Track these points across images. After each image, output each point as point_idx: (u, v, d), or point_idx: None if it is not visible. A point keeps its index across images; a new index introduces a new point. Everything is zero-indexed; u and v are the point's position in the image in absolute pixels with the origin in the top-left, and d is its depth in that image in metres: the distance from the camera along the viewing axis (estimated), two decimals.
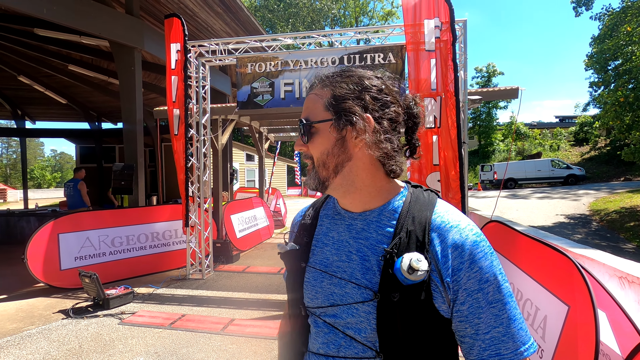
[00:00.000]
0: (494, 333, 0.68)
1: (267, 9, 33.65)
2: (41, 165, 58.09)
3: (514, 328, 0.68)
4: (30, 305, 4.43)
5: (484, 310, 0.69)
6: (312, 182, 0.79)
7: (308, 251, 0.84)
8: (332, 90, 0.76)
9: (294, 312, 0.87)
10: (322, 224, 0.86)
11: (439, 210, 0.75)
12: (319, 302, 0.80)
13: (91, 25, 5.58)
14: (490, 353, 0.68)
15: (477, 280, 0.69)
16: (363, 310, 0.72)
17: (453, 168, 4.08)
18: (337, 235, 0.81)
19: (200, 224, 5.77)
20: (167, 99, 5.49)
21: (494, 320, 0.68)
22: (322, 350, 0.79)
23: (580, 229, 9.65)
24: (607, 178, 22.79)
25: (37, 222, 8.20)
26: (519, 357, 0.67)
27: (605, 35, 10.69)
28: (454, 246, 0.70)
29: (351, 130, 0.74)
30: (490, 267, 0.70)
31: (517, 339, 0.68)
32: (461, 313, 0.70)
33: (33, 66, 9.67)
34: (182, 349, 3.29)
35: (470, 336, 0.70)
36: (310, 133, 0.77)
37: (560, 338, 2.03)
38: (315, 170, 0.78)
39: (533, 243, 2.68)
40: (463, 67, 4.56)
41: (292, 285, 0.86)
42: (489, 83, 32.39)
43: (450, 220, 0.73)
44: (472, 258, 0.69)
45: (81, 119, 13.75)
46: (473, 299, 0.69)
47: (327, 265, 0.79)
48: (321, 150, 0.76)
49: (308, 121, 0.77)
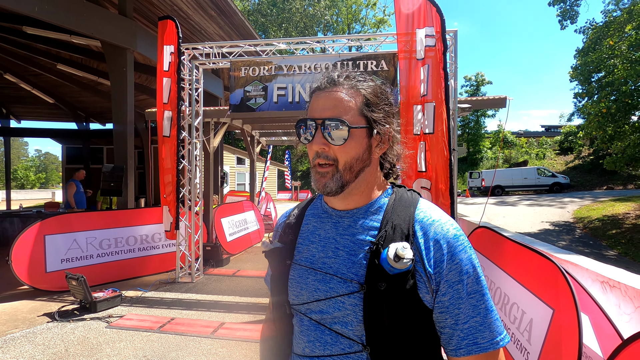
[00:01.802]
0: (472, 323, 0.71)
1: (260, 13, 33.76)
2: (25, 165, 56.67)
3: (491, 318, 0.72)
4: (13, 309, 4.32)
5: (463, 301, 0.72)
6: (335, 185, 0.77)
7: (293, 249, 0.85)
8: (364, 95, 0.78)
9: (278, 313, 0.86)
10: (308, 223, 0.88)
11: (421, 207, 0.79)
12: (304, 298, 0.80)
13: (84, 25, 5.53)
14: (468, 342, 0.71)
15: (457, 272, 0.72)
16: (349, 303, 0.74)
17: (443, 175, 4.16)
18: (324, 233, 0.83)
19: (191, 226, 5.73)
20: (157, 100, 5.44)
21: (472, 310, 0.71)
22: (307, 349, 0.79)
23: (564, 236, 9.89)
24: (591, 186, 23.41)
25: (21, 223, 8.00)
26: (495, 346, 0.70)
27: (589, 48, 11.05)
28: (436, 239, 0.74)
29: (378, 139, 0.80)
30: (469, 260, 0.74)
31: (493, 329, 0.71)
32: (442, 304, 0.72)
33: (20, 64, 9.49)
34: (172, 352, 3.26)
35: (450, 326, 0.72)
36: (344, 135, 0.75)
37: (545, 340, 2.09)
38: (340, 174, 0.77)
39: (520, 248, 2.75)
40: (453, 76, 4.67)
41: (277, 284, 0.85)
42: (478, 92, 33.02)
43: (432, 216, 0.77)
44: (452, 251, 0.73)
45: (69, 119, 13.51)
46: (454, 290, 0.72)
47: (312, 262, 0.81)
48: (352, 155, 0.77)
49: (346, 123, 0.75)
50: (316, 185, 0.80)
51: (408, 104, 4.30)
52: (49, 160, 65.59)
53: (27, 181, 51.38)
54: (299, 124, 0.80)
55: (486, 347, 0.70)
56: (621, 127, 9.70)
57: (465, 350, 0.71)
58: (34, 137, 16.58)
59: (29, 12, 4.83)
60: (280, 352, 0.87)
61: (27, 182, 51.05)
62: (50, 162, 64.80)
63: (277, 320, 0.88)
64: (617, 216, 10.98)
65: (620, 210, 11.65)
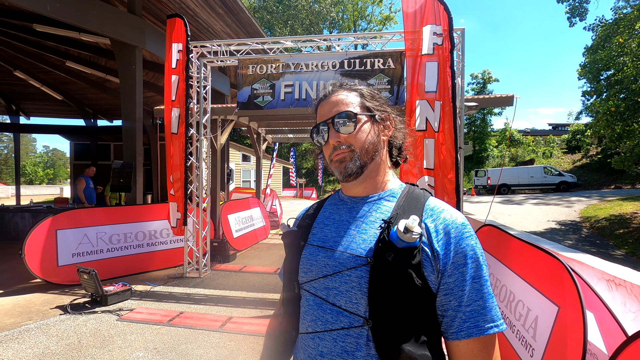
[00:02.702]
0: (474, 306, 0.75)
1: (265, 10, 33.74)
2: (33, 161, 57.37)
3: (491, 304, 0.76)
4: (27, 301, 4.43)
5: (467, 284, 0.76)
6: (354, 166, 0.86)
7: (308, 232, 0.92)
8: (359, 92, 0.92)
9: (288, 294, 0.91)
10: (325, 211, 0.96)
11: (431, 200, 0.86)
12: (312, 274, 0.85)
13: (94, 23, 5.61)
14: (470, 325, 0.74)
15: (463, 255, 0.77)
16: (355, 276, 0.78)
17: (449, 172, 4.18)
18: (338, 217, 0.90)
19: (199, 223, 5.81)
20: (165, 97, 5.50)
21: (475, 294, 0.75)
22: (310, 328, 0.83)
23: (571, 235, 9.83)
24: (598, 185, 23.18)
25: (31, 218, 8.15)
26: (493, 329, 0.74)
27: (598, 46, 10.92)
28: (445, 224, 0.80)
29: (382, 126, 0.92)
30: (474, 246, 0.79)
31: (493, 314, 0.75)
32: (447, 285, 0.76)
33: (30, 62, 9.63)
34: (181, 345, 3.33)
35: (453, 308, 0.76)
36: (354, 123, 0.86)
37: (550, 337, 2.12)
38: (358, 155, 0.86)
39: (525, 246, 2.77)
40: (460, 74, 4.67)
41: (290, 264, 0.91)
42: (484, 89, 32.77)
43: (442, 206, 0.85)
44: (460, 236, 0.78)
45: (77, 115, 13.67)
46: (459, 272, 0.76)
47: (324, 241, 0.87)
48: (365, 139, 0.87)
49: (352, 111, 0.87)
50: (338, 171, 0.88)
51: (415, 101, 4.31)
52: (56, 157, 66.31)
53: (36, 177, 52.06)
54: (312, 131, 0.92)
55: (486, 330, 0.74)
56: (630, 126, 9.60)
57: (466, 333, 0.74)
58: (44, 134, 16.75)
59: (41, 11, 4.91)
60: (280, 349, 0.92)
61: (35, 178, 51.72)
62: (57, 158, 65.52)
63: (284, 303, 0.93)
64: (625, 216, 10.88)
65: (628, 209, 11.54)
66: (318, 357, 0.80)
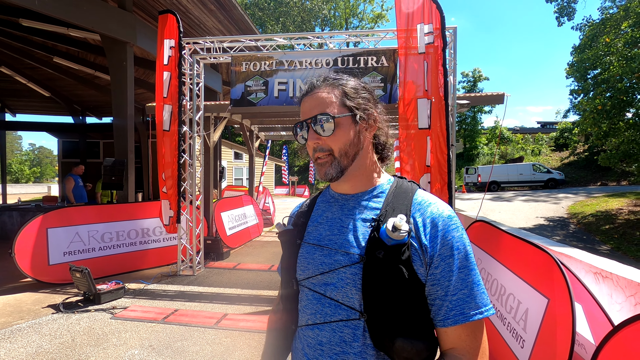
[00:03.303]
0: (460, 295, 0.78)
1: (257, 7, 33.50)
2: (19, 159, 56.15)
3: (477, 291, 0.79)
4: (17, 300, 4.37)
5: (454, 274, 0.78)
6: (334, 171, 0.86)
7: (303, 231, 0.94)
8: (344, 89, 0.88)
9: (286, 290, 0.94)
10: (318, 208, 0.97)
11: (419, 194, 0.88)
12: (309, 272, 0.88)
13: (83, 18, 5.52)
14: (456, 312, 0.77)
15: (449, 247, 0.80)
16: (350, 272, 0.81)
17: (441, 170, 4.23)
18: (331, 215, 0.92)
19: (192, 220, 5.78)
20: (156, 94, 5.42)
21: (461, 283, 0.78)
22: (310, 320, 0.86)
23: (559, 231, 10.05)
24: (585, 182, 23.66)
25: (19, 217, 8.01)
26: (479, 316, 0.78)
27: (586, 45, 11.12)
28: (432, 218, 0.82)
29: (365, 123, 0.89)
30: (461, 238, 0.81)
31: (479, 301, 0.78)
32: (434, 276, 0.79)
33: (16, 57, 9.41)
34: (177, 342, 3.33)
35: (440, 298, 0.79)
36: (332, 126, 0.85)
37: (540, 329, 2.18)
38: (337, 161, 0.86)
39: (516, 241, 2.84)
40: (452, 73, 4.73)
41: (287, 262, 0.94)
42: (475, 88, 33.10)
43: (428, 199, 0.86)
44: (446, 228, 0.81)
45: (65, 112, 13.42)
46: (445, 264, 0.79)
47: (320, 240, 0.89)
48: (344, 142, 0.86)
49: (330, 115, 0.85)
50: (319, 174, 0.89)
51: (408, 99, 4.36)
52: (43, 154, 65.01)
53: (22, 175, 50.97)
54: (295, 128, 0.91)
55: (471, 317, 0.77)
56: (616, 124, 9.82)
57: (452, 320, 0.77)
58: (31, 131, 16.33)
59: (29, 5, 4.82)
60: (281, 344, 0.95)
61: (21, 176, 50.64)
62: (44, 156, 64.25)
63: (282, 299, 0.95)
64: (611, 212, 11.16)
65: (614, 206, 11.83)
66: (317, 347, 0.83)
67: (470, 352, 0.78)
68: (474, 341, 0.78)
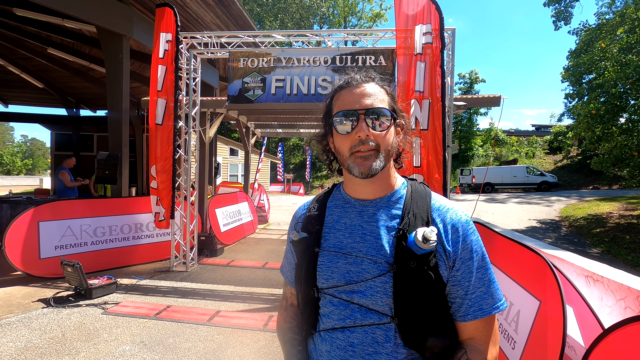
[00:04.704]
0: (478, 292, 0.85)
1: (255, 3, 33.30)
2: (11, 150, 55.39)
3: (493, 288, 0.87)
4: (7, 294, 4.32)
5: (473, 275, 0.86)
6: (378, 167, 0.86)
7: (320, 238, 0.92)
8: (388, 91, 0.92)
9: (304, 298, 0.92)
10: (331, 214, 0.95)
11: (435, 198, 0.93)
12: (334, 281, 0.87)
13: (80, 9, 5.44)
14: (475, 309, 0.85)
15: (469, 251, 0.86)
16: (380, 281, 0.83)
17: (437, 171, 4.25)
18: (349, 221, 0.91)
19: (186, 216, 5.75)
20: (150, 88, 5.33)
21: (479, 282, 0.86)
22: (337, 325, 0.86)
23: (550, 234, 10.15)
24: (578, 186, 23.94)
25: (10, 209, 7.87)
26: (495, 310, 0.85)
27: (581, 50, 11.22)
28: (452, 224, 0.88)
29: (398, 130, 0.94)
30: (477, 240, 0.89)
31: (494, 297, 0.86)
32: (455, 278, 0.85)
33: (9, 47, 9.25)
34: (169, 338, 3.31)
35: (460, 297, 0.85)
36: (388, 122, 0.88)
37: (531, 330, 2.20)
38: (383, 157, 0.86)
39: (510, 243, 2.86)
40: (450, 74, 4.75)
41: (306, 270, 0.91)
42: (471, 89, 33.25)
43: (446, 205, 0.91)
44: (465, 233, 0.87)
45: (58, 104, 13.24)
46: (466, 266, 0.86)
47: (341, 247, 0.88)
48: (390, 142, 0.89)
49: (389, 112, 0.88)
50: (360, 169, 0.85)
51: (405, 99, 4.36)
52: (35, 147, 64.22)
53: (14, 167, 50.28)
54: (331, 117, 0.90)
55: (489, 311, 0.85)
56: (609, 129, 9.92)
57: (472, 316, 0.85)
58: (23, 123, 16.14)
59: None
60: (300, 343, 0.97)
61: (13, 169, 49.96)
62: (36, 148, 63.46)
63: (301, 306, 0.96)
64: (602, 215, 11.29)
65: (605, 209, 11.98)
66: (348, 348, 0.85)
67: (486, 341, 0.86)
68: (489, 331, 0.86)
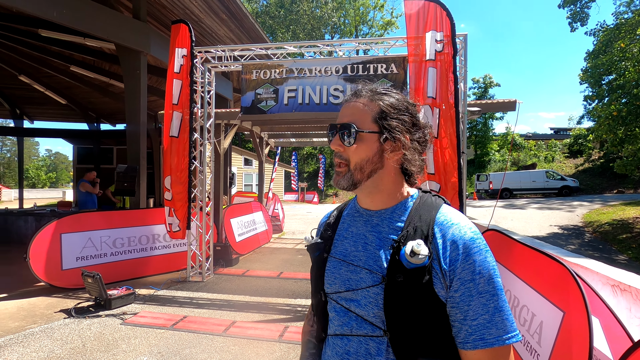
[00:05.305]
0: (481, 320, 0.76)
1: (268, 15, 33.97)
2: (36, 165, 57.59)
3: (499, 318, 0.76)
4: (31, 305, 4.45)
5: (473, 299, 0.76)
6: (345, 183, 0.87)
7: (330, 244, 0.95)
8: (381, 106, 0.87)
9: (315, 300, 0.98)
10: (344, 222, 0.98)
11: (443, 211, 0.86)
12: (336, 287, 0.90)
13: (99, 28, 5.67)
14: (476, 337, 0.76)
15: (470, 272, 0.77)
16: (373, 292, 0.82)
17: (452, 177, 4.19)
18: (356, 230, 0.92)
19: (202, 226, 5.82)
20: (165, 101, 5.46)
21: (482, 308, 0.76)
22: (338, 331, 0.89)
23: (573, 240, 9.80)
24: (601, 190, 23.12)
25: (35, 221, 8.17)
26: (499, 342, 0.75)
27: (600, 51, 10.95)
28: (453, 240, 0.80)
29: (391, 145, 0.87)
30: (484, 261, 0.78)
31: (500, 327, 0.75)
32: (453, 299, 0.78)
33: (34, 66, 9.71)
34: (185, 349, 3.33)
35: (459, 321, 0.78)
36: (356, 139, 0.85)
37: (555, 343, 2.11)
38: (351, 173, 0.87)
39: (530, 251, 2.77)
40: (463, 80, 4.70)
41: (315, 274, 0.96)
42: (486, 94, 32.79)
43: (451, 219, 0.84)
44: (467, 252, 0.78)
45: (80, 119, 13.75)
46: (465, 288, 0.77)
47: (345, 255, 0.90)
48: (362, 157, 0.86)
49: (358, 128, 0.85)
50: (333, 180, 0.91)
51: (419, 106, 4.34)
52: (59, 160, 66.54)
53: (38, 180, 52.27)
54: (328, 129, 0.92)
55: (492, 343, 0.75)
56: (632, 130, 9.59)
57: (471, 345, 0.76)
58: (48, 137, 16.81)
59: (48, 16, 4.97)
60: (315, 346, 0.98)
61: (38, 182, 51.93)
62: (60, 162, 65.74)
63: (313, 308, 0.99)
64: (628, 220, 10.85)
65: (631, 214, 11.51)
66: (344, 355, 0.86)
67: None
68: None
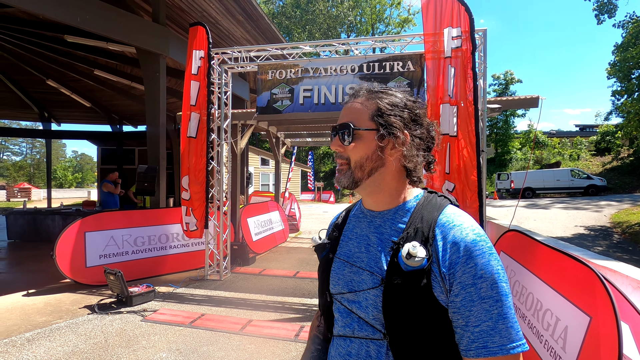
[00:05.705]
0: (483, 327, 0.72)
1: (284, 16, 34.18)
2: (63, 165, 59.95)
3: (504, 325, 0.72)
4: (57, 300, 4.62)
5: (475, 304, 0.73)
6: (346, 181, 0.88)
7: (336, 245, 0.96)
8: (378, 103, 0.87)
9: (321, 300, 0.98)
10: (350, 222, 0.98)
11: (446, 212, 0.83)
12: (339, 288, 0.90)
13: (120, 33, 5.83)
14: (478, 345, 0.72)
15: (471, 275, 0.73)
16: (373, 294, 0.82)
17: (471, 176, 4.09)
18: (360, 231, 0.92)
19: (219, 226, 5.90)
20: (183, 102, 5.55)
21: (484, 314, 0.72)
22: (341, 332, 0.89)
23: (600, 241, 9.41)
24: (630, 189, 22.11)
25: (61, 220, 8.50)
26: (502, 352, 0.71)
27: (629, 44, 10.47)
28: (453, 242, 0.77)
29: (391, 142, 0.86)
30: (487, 265, 0.74)
31: (504, 335, 0.71)
32: (454, 304, 0.75)
33: (61, 71, 10.10)
34: (203, 347, 3.38)
35: (460, 327, 0.74)
36: (354, 137, 0.86)
37: (581, 349, 2.03)
38: (351, 171, 0.87)
39: (553, 253, 2.67)
40: (482, 76, 4.58)
41: (321, 274, 0.97)
42: (507, 91, 31.93)
43: (454, 221, 0.80)
44: (468, 254, 0.75)
45: (104, 121, 14.22)
46: (466, 292, 0.73)
47: (349, 256, 0.90)
48: (361, 155, 0.86)
49: (355, 126, 0.86)
50: (335, 180, 0.93)
51: (435, 104, 4.25)
52: (84, 161, 69.01)
53: (65, 180, 54.42)
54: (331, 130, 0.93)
55: (495, 352, 0.71)
56: None
57: (474, 352, 0.72)
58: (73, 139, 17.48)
59: (73, 23, 5.15)
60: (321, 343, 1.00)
61: (65, 182, 54.07)
62: (85, 163, 68.18)
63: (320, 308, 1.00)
64: None
65: None
66: (346, 356, 0.87)
67: None
68: None
